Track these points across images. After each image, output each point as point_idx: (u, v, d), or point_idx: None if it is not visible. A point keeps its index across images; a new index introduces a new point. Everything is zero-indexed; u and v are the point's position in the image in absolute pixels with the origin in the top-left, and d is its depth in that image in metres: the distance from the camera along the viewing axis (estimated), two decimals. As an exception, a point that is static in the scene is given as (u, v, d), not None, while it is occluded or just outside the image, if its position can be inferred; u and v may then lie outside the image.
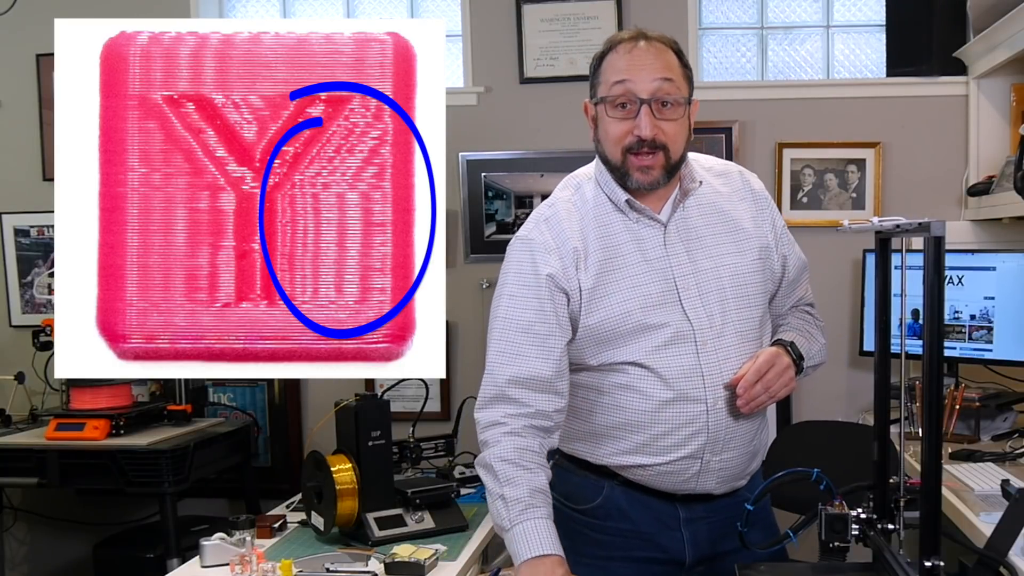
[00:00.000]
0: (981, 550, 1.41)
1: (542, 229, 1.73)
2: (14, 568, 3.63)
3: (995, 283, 2.72)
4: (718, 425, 1.70)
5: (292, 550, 2.11)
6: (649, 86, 1.63)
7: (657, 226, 1.72)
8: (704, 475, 1.73)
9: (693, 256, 1.72)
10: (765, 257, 1.78)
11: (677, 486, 1.74)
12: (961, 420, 2.60)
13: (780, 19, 3.44)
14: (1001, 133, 3.07)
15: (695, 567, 1.79)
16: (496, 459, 1.62)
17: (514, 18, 3.32)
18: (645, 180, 1.67)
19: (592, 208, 1.74)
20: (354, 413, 2.20)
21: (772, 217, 1.83)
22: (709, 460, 1.71)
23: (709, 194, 1.78)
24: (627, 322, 1.68)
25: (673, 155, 1.67)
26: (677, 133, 1.67)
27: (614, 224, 1.73)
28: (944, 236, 1.23)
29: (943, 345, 1.26)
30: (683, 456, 1.70)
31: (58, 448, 2.81)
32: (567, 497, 1.81)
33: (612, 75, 1.66)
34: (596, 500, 1.79)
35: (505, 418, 1.65)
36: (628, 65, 1.65)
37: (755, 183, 1.85)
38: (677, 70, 1.67)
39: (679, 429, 1.69)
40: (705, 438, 1.69)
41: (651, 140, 1.64)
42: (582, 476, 1.80)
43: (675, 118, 1.66)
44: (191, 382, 3.17)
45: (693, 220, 1.75)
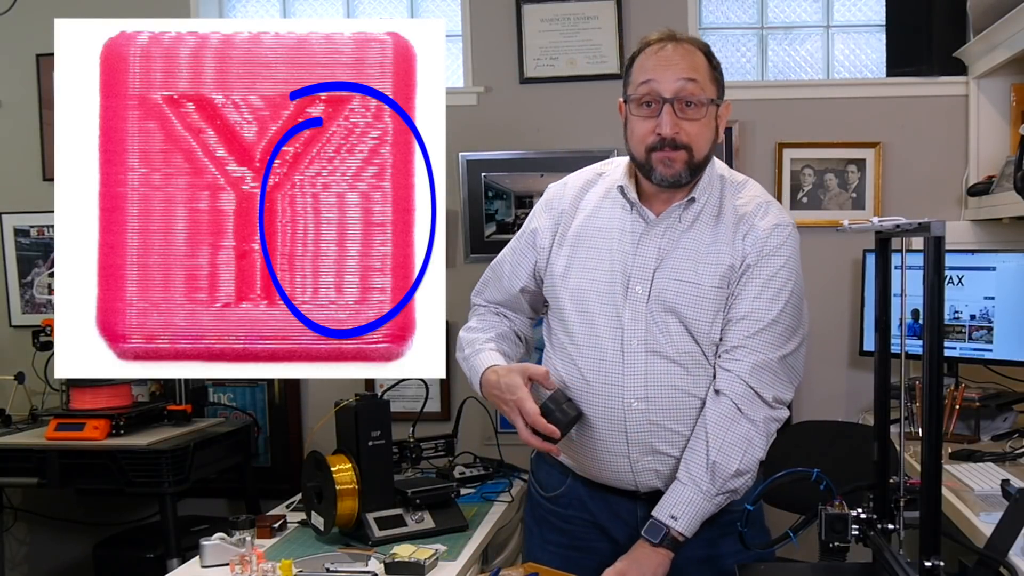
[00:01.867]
0: (981, 550, 1.41)
1: (557, 188, 1.90)
2: (14, 568, 3.63)
3: (995, 283, 2.72)
4: (639, 427, 1.71)
5: (292, 550, 2.11)
6: (673, 86, 1.67)
7: (641, 223, 1.76)
8: (641, 474, 1.74)
9: (662, 259, 1.72)
10: (723, 291, 1.71)
11: (622, 482, 1.77)
12: (961, 420, 2.60)
13: (780, 19, 3.44)
14: (1001, 133, 3.07)
15: None
16: (463, 331, 1.96)
17: (514, 18, 3.32)
18: (668, 173, 1.70)
19: (604, 189, 1.82)
20: (354, 413, 2.20)
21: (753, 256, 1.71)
22: (638, 460, 1.73)
23: (713, 214, 1.74)
24: (572, 293, 1.78)
25: (696, 155, 1.69)
26: (700, 133, 1.69)
27: (612, 208, 1.79)
28: (944, 236, 1.23)
29: (943, 345, 1.26)
30: (609, 453, 1.74)
31: (58, 448, 2.81)
32: (540, 484, 1.91)
33: (639, 75, 1.71)
34: (560, 488, 1.86)
35: (471, 319, 2.02)
36: (655, 65, 1.69)
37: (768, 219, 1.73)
38: (704, 72, 1.70)
39: (599, 424, 1.73)
40: (625, 437, 1.72)
41: (672, 139, 1.67)
42: (550, 465, 1.88)
43: (698, 118, 1.68)
44: (191, 382, 3.17)
45: (684, 228, 1.74)
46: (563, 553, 1.84)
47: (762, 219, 1.73)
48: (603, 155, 3.27)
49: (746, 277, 1.71)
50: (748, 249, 1.71)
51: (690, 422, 1.71)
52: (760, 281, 1.71)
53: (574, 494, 1.84)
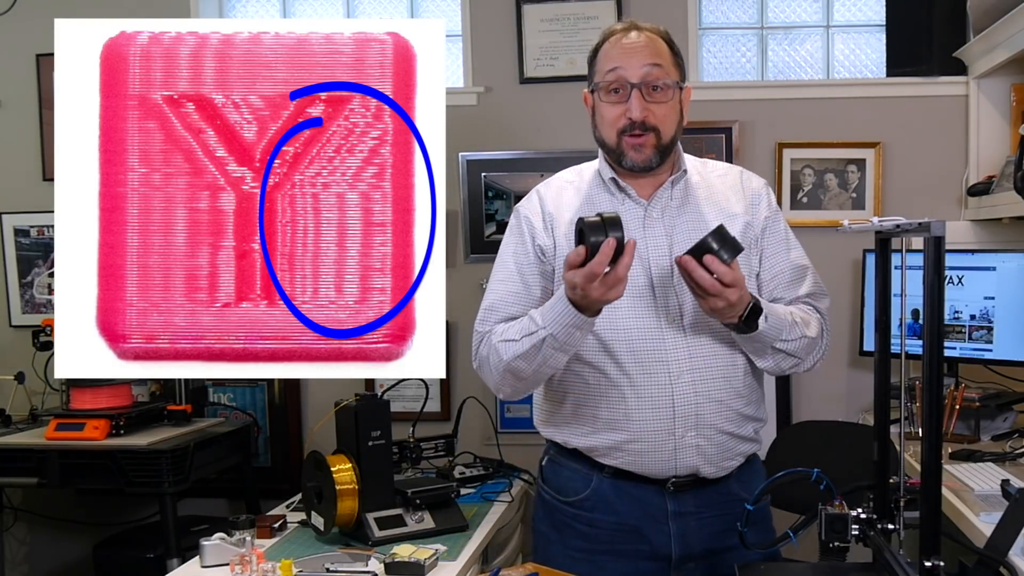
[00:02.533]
0: (981, 550, 1.41)
1: (531, 198, 1.90)
2: (14, 568, 3.63)
3: (995, 283, 2.72)
4: (685, 399, 1.73)
5: (292, 550, 2.11)
6: (639, 71, 1.74)
7: (639, 207, 1.80)
8: (683, 451, 1.74)
9: (673, 238, 1.78)
10: (749, 244, 1.79)
11: (661, 466, 1.76)
12: (961, 420, 2.60)
13: (780, 19, 3.44)
14: (1001, 133, 3.07)
15: (684, 564, 1.79)
16: (498, 342, 1.75)
17: (514, 18, 3.32)
18: (639, 158, 1.77)
19: (586, 186, 1.86)
20: (354, 413, 2.20)
21: (764, 213, 1.84)
22: (683, 435, 1.74)
23: (701, 186, 1.84)
24: None
25: (664, 136, 1.77)
26: (667, 116, 1.77)
27: (602, 203, 1.82)
28: (944, 236, 1.23)
29: (943, 345, 1.26)
30: (653, 431, 1.74)
31: (58, 448, 2.81)
32: (558, 491, 1.87)
33: (606, 63, 1.78)
34: (584, 492, 1.82)
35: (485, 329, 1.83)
36: (620, 53, 1.77)
37: (754, 181, 1.89)
38: (667, 57, 1.78)
39: (643, 402, 1.73)
40: (672, 411, 1.73)
41: (642, 122, 1.74)
42: (572, 468, 1.85)
43: (664, 101, 1.76)
44: (191, 382, 3.17)
45: (678, 204, 1.81)
46: (589, 558, 1.81)
47: (750, 181, 1.88)
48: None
49: (767, 232, 1.84)
50: (757, 208, 1.84)
51: (735, 390, 1.77)
52: (779, 235, 1.85)
53: (600, 496, 1.81)
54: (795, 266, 1.85)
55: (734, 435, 1.78)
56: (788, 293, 1.84)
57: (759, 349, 1.75)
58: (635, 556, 1.79)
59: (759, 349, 1.75)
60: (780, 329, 1.72)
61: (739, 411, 1.79)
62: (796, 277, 1.85)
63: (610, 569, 1.80)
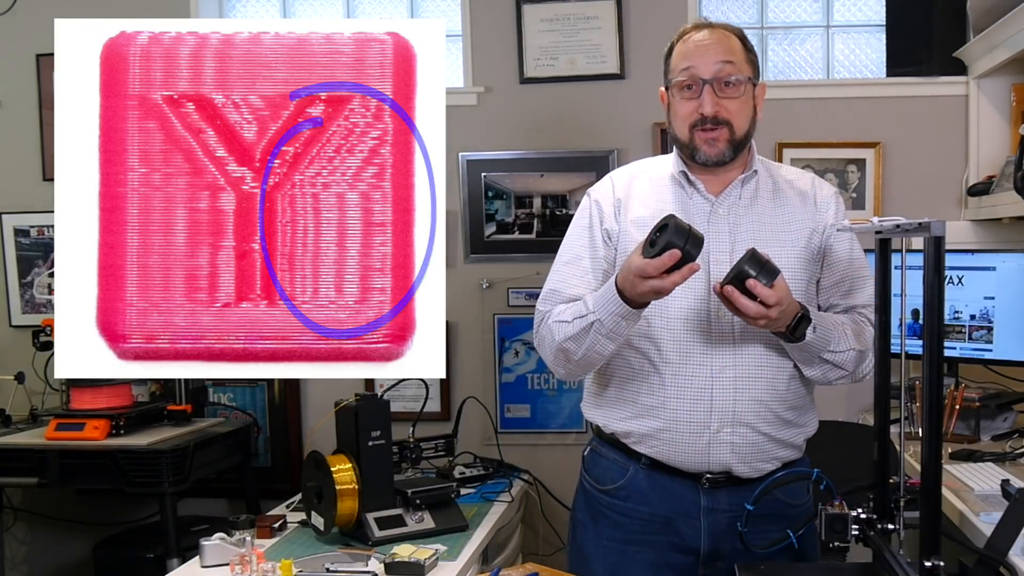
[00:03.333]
0: (981, 550, 1.41)
1: (604, 183, 1.92)
2: (14, 568, 3.63)
3: (995, 283, 2.72)
4: (724, 395, 1.75)
5: (292, 550, 2.11)
6: (711, 68, 1.77)
7: (706, 203, 1.82)
8: (716, 447, 1.75)
9: (736, 235, 1.80)
10: (811, 256, 1.82)
11: (693, 459, 1.77)
12: (961, 420, 2.60)
13: (780, 19, 3.44)
14: (1001, 133, 3.07)
15: (714, 560, 1.80)
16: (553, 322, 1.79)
17: (514, 18, 3.32)
18: (711, 152, 1.79)
19: (658, 177, 1.88)
20: (354, 413, 2.20)
21: (830, 220, 1.85)
22: (718, 431, 1.75)
23: (771, 187, 1.86)
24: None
25: (737, 130, 1.79)
26: (739, 110, 1.79)
27: (671, 194, 1.85)
28: (944, 236, 1.23)
29: (943, 345, 1.26)
30: (688, 421, 1.75)
31: (58, 448, 2.81)
32: (597, 479, 1.91)
33: (679, 62, 1.81)
34: (620, 481, 1.85)
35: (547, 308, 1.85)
36: (693, 51, 1.80)
37: (825, 188, 1.91)
38: (739, 53, 1.81)
39: (684, 392, 1.75)
40: (709, 405, 1.74)
41: (714, 116, 1.77)
42: (611, 459, 1.88)
43: (737, 96, 1.79)
44: (191, 382, 3.17)
45: (746, 204, 1.83)
46: (619, 548, 1.84)
47: (821, 188, 1.89)
48: (603, 155, 3.30)
49: (833, 240, 1.84)
50: (824, 215, 1.85)
51: (777, 392, 1.77)
52: (844, 244, 1.86)
53: (634, 486, 1.83)
54: (857, 276, 1.87)
55: (771, 437, 1.79)
56: (845, 301, 1.86)
57: (807, 358, 1.76)
58: (665, 548, 1.81)
59: (807, 358, 1.76)
60: (828, 340, 1.73)
61: (779, 414, 1.79)
62: (855, 287, 1.86)
63: (640, 559, 1.82)
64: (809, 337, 1.70)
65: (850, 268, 1.86)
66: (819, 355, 1.74)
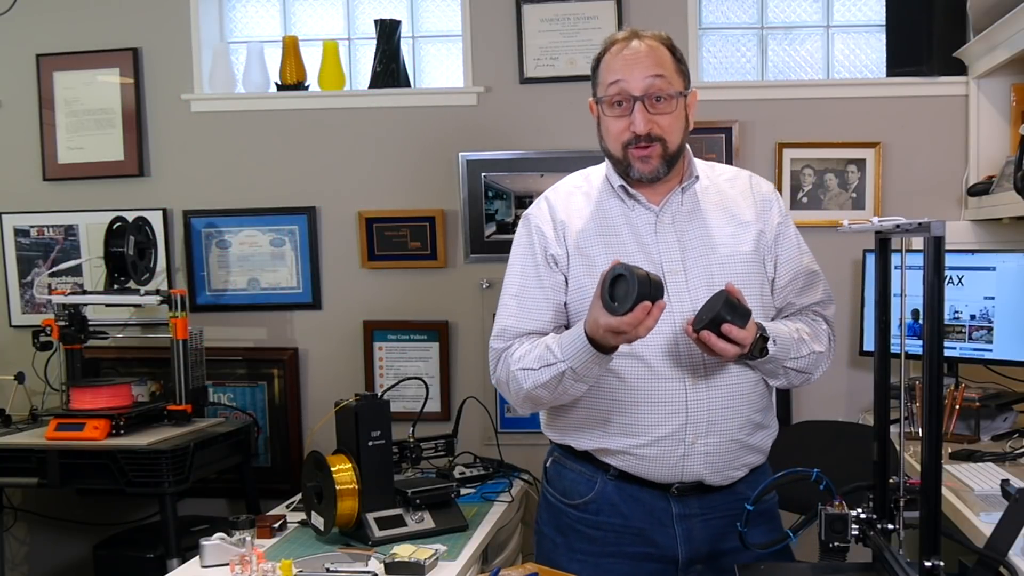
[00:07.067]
0: (981, 550, 1.41)
1: (540, 205, 1.88)
2: (14, 568, 3.63)
3: (995, 283, 2.72)
4: (698, 405, 1.73)
5: (292, 550, 2.11)
6: (641, 84, 1.72)
7: (650, 213, 1.80)
8: (690, 459, 1.74)
9: (684, 243, 1.78)
10: (762, 258, 1.81)
11: (666, 472, 1.76)
12: (961, 420, 2.60)
13: (780, 19, 3.44)
14: (1001, 133, 3.07)
15: (692, 566, 1.80)
16: (517, 370, 1.74)
17: (514, 18, 3.32)
18: (646, 170, 1.76)
19: (596, 192, 1.84)
20: (354, 413, 2.20)
21: (776, 219, 1.85)
22: (693, 442, 1.74)
23: (711, 191, 1.84)
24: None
25: (670, 146, 1.76)
26: (671, 125, 1.75)
27: (612, 209, 1.82)
28: (944, 236, 1.23)
29: (943, 345, 1.26)
30: (663, 436, 1.73)
31: (58, 448, 2.80)
32: (563, 493, 1.86)
33: (608, 75, 1.76)
34: (589, 495, 1.82)
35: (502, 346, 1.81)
36: (622, 65, 1.74)
37: (763, 186, 1.89)
38: (670, 65, 1.76)
39: (657, 408, 1.73)
40: (684, 418, 1.73)
41: (647, 134, 1.73)
42: (577, 471, 1.84)
43: (669, 111, 1.75)
44: (191, 382, 3.17)
45: (689, 211, 1.81)
46: (594, 561, 1.82)
47: (759, 186, 1.88)
48: (603, 155, 3.29)
49: (781, 239, 1.84)
50: (769, 214, 1.84)
51: (746, 397, 1.76)
52: (792, 241, 1.86)
53: (605, 499, 1.81)
54: (808, 272, 1.86)
55: (743, 443, 1.79)
56: (800, 300, 1.86)
57: (771, 371, 1.76)
58: (642, 558, 1.80)
59: (771, 371, 1.76)
60: (788, 349, 1.74)
61: (750, 417, 1.79)
62: (808, 284, 1.86)
63: (617, 571, 1.80)
64: (772, 351, 1.70)
65: (800, 265, 1.85)
66: (783, 365, 1.75)
